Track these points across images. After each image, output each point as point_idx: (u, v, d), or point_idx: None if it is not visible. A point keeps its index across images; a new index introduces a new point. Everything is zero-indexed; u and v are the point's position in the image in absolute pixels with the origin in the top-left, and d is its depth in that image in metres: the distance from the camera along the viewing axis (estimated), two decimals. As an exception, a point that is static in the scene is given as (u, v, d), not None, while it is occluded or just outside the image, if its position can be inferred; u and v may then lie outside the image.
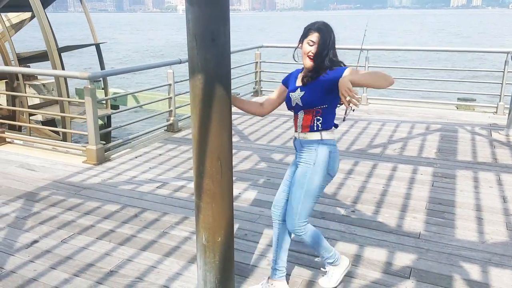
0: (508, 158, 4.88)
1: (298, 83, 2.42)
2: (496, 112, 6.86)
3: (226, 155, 2.14)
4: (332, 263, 2.59)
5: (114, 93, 10.31)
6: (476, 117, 6.75)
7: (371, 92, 7.92)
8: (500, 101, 6.81)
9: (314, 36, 2.30)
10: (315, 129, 2.36)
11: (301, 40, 2.36)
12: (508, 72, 6.54)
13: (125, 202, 3.80)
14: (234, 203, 2.29)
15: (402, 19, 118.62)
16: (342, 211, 3.59)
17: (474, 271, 2.76)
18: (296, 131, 2.44)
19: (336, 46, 2.37)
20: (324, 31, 2.30)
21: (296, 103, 2.38)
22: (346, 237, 3.18)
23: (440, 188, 4.08)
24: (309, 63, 2.32)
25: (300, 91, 2.36)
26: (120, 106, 11.33)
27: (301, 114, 2.39)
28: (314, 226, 2.51)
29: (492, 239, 3.15)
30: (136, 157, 5.02)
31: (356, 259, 2.89)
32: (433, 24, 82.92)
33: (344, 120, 3.03)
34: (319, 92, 2.31)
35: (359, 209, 3.65)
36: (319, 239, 2.49)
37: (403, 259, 2.89)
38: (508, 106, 5.89)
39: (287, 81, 2.52)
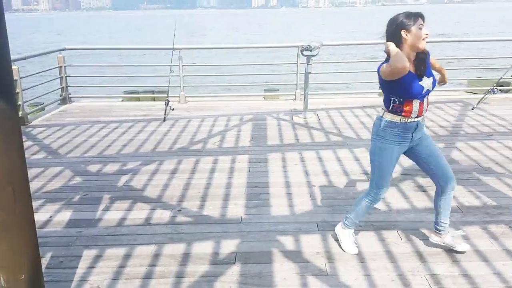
0: (307, 137, 5.63)
1: (414, 71, 2.59)
2: (295, 99, 7.82)
3: (19, 178, 1.89)
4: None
5: None
6: (280, 105, 7.56)
7: (188, 90, 8.11)
8: (296, 89, 7.78)
9: (422, 21, 2.53)
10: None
11: (405, 27, 2.51)
12: (301, 63, 7.46)
13: None
14: (43, 229, 2.06)
15: (211, 18, 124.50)
16: (169, 213, 3.59)
17: (288, 242, 3.10)
18: (418, 116, 2.67)
19: (147, 47, 2.34)
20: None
21: (427, 89, 2.63)
22: (174, 238, 3.19)
23: (255, 172, 4.44)
24: (423, 46, 2.54)
25: (428, 77, 2.62)
26: None
27: (425, 99, 2.67)
28: (135, 232, 2.43)
29: (300, 210, 3.60)
30: None
31: (185, 258, 2.93)
32: (238, 23, 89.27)
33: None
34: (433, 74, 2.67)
35: (185, 207, 3.70)
36: None
37: (228, 246, 3.06)
38: (303, 93, 6.76)
39: None
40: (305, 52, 6.22)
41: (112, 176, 4.43)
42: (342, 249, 2.97)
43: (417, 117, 2.68)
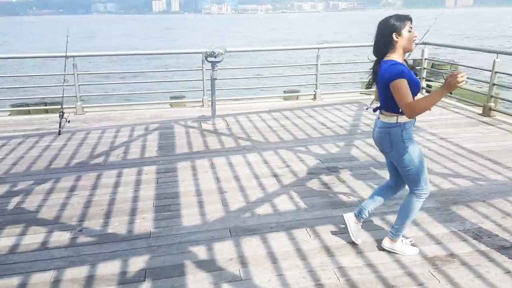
0: (217, 143, 5.60)
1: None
2: (202, 106, 7.75)
3: None
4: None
5: None
6: (187, 112, 7.44)
7: (86, 100, 7.62)
8: (204, 95, 7.72)
9: (411, 24, 2.68)
10: None
11: (396, 30, 2.63)
12: (207, 69, 7.42)
13: None
14: None
15: (109, 24, 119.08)
16: (68, 234, 3.29)
17: (201, 252, 3.03)
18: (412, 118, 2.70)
19: (35, 55, 2.10)
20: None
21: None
22: (75, 261, 2.93)
23: (164, 183, 4.29)
24: (415, 46, 2.73)
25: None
26: None
27: None
28: (30, 259, 2.17)
29: (213, 218, 3.54)
30: None
31: (89, 281, 2.71)
32: (138, 29, 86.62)
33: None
34: None
35: (87, 226, 3.43)
36: None
37: (137, 263, 2.89)
38: (211, 99, 6.72)
39: (409, 75, 2.60)
40: (209, 58, 6.20)
41: (0, 199, 3.97)
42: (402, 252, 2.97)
43: None
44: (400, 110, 2.64)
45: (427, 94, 8.47)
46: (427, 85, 8.72)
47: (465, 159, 4.82)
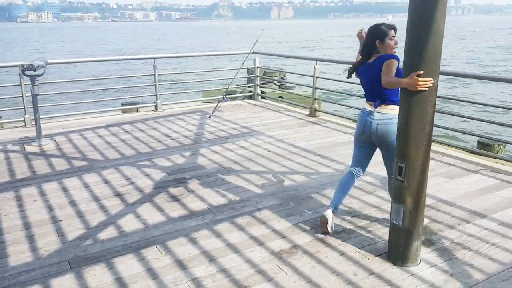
0: (46, 167, 4.98)
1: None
2: (25, 126, 6.84)
3: None
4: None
5: None
6: (6, 134, 6.46)
7: None
8: (25, 114, 6.81)
9: (394, 33, 3.10)
10: None
11: (379, 37, 3.09)
12: (26, 84, 6.56)
13: None
14: None
15: None
16: None
17: (35, 293, 2.62)
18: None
19: None
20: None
21: None
22: None
23: (-18, 221, 3.61)
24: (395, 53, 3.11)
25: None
26: None
27: None
28: None
29: (47, 251, 3.11)
30: None
31: None
32: None
33: None
34: None
35: None
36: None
37: None
38: (34, 117, 5.96)
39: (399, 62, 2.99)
40: (27, 72, 5.48)
41: None
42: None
43: None
44: (396, 100, 3.01)
45: (279, 99, 9.03)
46: (262, 91, 9.35)
47: (299, 156, 5.29)
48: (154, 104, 8.06)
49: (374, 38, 3.10)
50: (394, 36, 3.08)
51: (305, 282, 2.71)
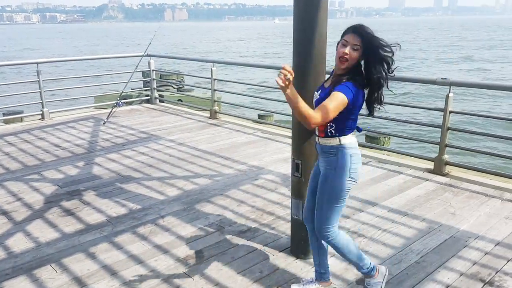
0: None
1: (327, 83, 2.35)
2: None
3: None
4: (367, 273, 2.52)
5: None
6: None
7: None
8: None
9: (351, 37, 2.21)
10: (329, 135, 2.31)
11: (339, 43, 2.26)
12: None
13: None
14: None
15: None
16: None
17: None
18: (315, 133, 2.42)
19: None
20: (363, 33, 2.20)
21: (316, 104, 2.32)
22: None
23: None
24: (339, 64, 2.25)
25: (321, 93, 2.33)
26: None
27: None
28: None
29: None
30: None
31: None
32: None
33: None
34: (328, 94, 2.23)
35: None
36: (350, 245, 2.45)
37: None
38: None
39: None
40: None
41: None
42: None
43: (315, 134, 2.45)
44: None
45: (179, 102, 8.87)
46: (160, 95, 9.14)
47: (202, 159, 5.28)
48: (41, 112, 7.41)
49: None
50: (346, 41, 2.23)
51: (212, 285, 2.72)
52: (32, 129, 6.74)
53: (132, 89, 10.19)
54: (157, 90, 9.04)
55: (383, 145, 6.34)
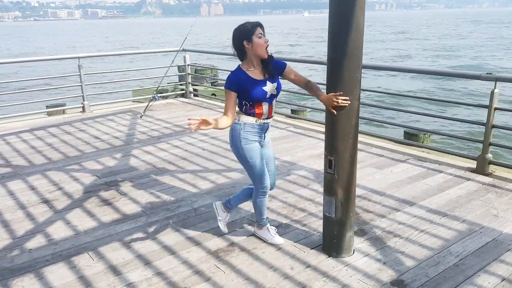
0: (-40, 176, 4.56)
1: (259, 77, 2.79)
2: None
3: None
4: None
5: None
6: None
7: None
8: None
9: (261, 30, 2.71)
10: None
11: (247, 37, 2.69)
12: None
13: None
14: None
15: None
16: None
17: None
18: (268, 117, 2.87)
19: None
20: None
21: (271, 93, 2.80)
22: None
23: None
24: (266, 54, 2.74)
25: (272, 82, 2.81)
26: None
27: (274, 102, 2.87)
28: None
29: (-37, 269, 2.85)
30: None
31: None
32: None
33: None
34: (279, 80, 2.88)
35: None
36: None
37: None
38: None
39: (238, 83, 2.73)
40: None
41: None
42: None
43: (267, 118, 2.88)
44: (242, 109, 2.83)
45: (212, 96, 8.96)
46: (194, 89, 9.24)
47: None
48: (82, 105, 7.66)
49: (241, 40, 2.74)
50: (262, 33, 2.71)
51: (242, 279, 2.72)
52: (73, 121, 6.98)
53: (167, 83, 10.35)
54: (192, 85, 9.14)
55: (422, 142, 6.11)
